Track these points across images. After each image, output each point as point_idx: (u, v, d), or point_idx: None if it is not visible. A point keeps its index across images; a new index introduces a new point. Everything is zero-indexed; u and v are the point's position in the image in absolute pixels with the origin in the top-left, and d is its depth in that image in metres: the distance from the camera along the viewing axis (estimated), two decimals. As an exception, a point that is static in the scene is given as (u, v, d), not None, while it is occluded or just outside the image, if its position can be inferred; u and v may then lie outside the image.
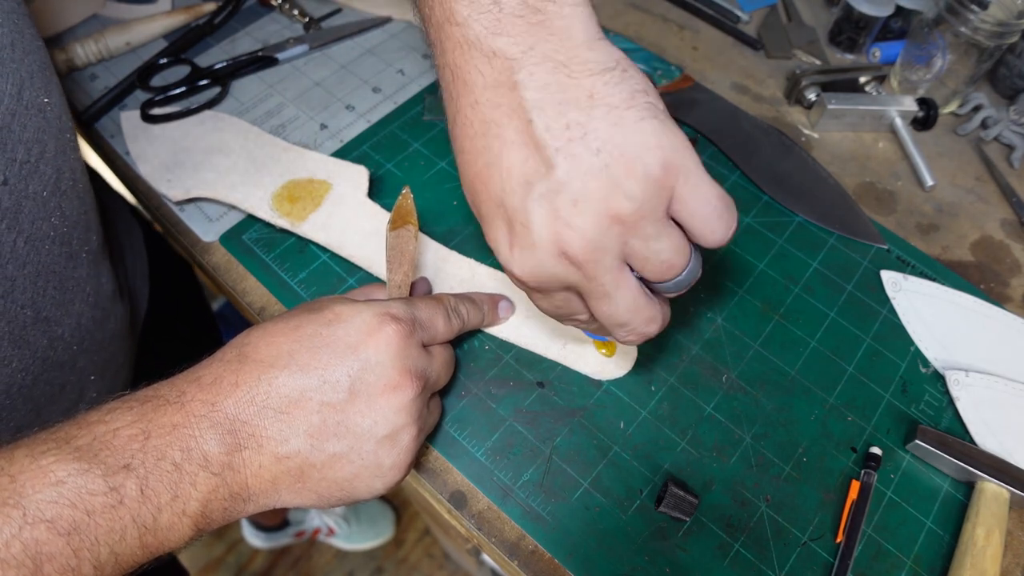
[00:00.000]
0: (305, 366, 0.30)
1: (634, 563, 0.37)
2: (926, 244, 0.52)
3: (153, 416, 0.28)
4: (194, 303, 0.76)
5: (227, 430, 0.28)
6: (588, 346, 0.43)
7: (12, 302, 0.33)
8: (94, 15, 0.60)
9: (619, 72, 0.25)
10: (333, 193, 0.48)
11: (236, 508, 0.29)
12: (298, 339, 0.31)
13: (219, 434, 0.28)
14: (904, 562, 0.38)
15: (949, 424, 0.43)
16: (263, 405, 0.29)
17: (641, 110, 0.25)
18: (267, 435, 0.29)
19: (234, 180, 0.49)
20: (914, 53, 0.58)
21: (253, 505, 0.30)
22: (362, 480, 0.32)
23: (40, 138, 0.33)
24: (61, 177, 0.35)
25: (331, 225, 0.46)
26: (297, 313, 0.33)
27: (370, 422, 0.31)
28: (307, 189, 0.48)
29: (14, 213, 0.32)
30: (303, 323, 0.31)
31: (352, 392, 0.31)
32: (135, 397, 0.29)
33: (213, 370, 0.30)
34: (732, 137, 0.56)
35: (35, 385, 0.36)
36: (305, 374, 0.30)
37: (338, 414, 0.30)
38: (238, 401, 0.29)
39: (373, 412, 0.31)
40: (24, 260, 0.33)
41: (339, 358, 0.31)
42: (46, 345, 0.36)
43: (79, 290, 0.39)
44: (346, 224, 0.47)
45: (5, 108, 0.31)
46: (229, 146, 0.51)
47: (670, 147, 0.25)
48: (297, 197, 0.47)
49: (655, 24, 0.66)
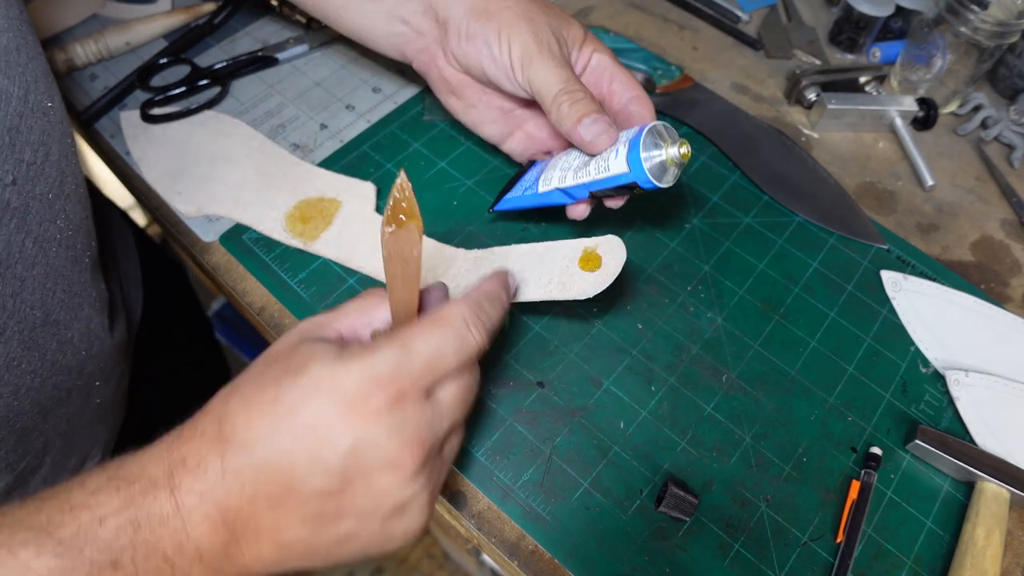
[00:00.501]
0: (289, 452, 0.27)
1: (634, 563, 0.37)
2: (926, 244, 0.52)
3: (142, 502, 0.25)
4: (188, 308, 0.76)
5: (220, 521, 0.26)
6: (572, 271, 0.40)
7: (22, 302, 0.33)
8: (94, 15, 0.60)
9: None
10: (343, 211, 0.48)
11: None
12: (278, 418, 0.27)
13: (212, 525, 0.26)
14: (904, 562, 0.38)
15: (949, 424, 0.43)
16: (253, 495, 0.26)
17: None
18: (263, 525, 0.27)
19: (247, 198, 0.49)
20: (914, 53, 0.58)
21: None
22: (375, 549, 0.29)
23: (45, 141, 0.33)
24: (64, 180, 0.35)
25: (342, 242, 0.47)
26: (274, 376, 0.28)
27: (372, 503, 0.28)
28: (318, 208, 0.49)
29: (23, 213, 0.32)
30: (280, 395, 0.27)
31: (345, 478, 0.27)
32: (121, 475, 0.26)
33: (197, 450, 0.27)
34: (732, 137, 0.56)
35: (43, 388, 0.36)
36: (291, 462, 0.27)
37: (334, 500, 0.27)
38: (228, 491, 0.26)
39: (373, 494, 0.28)
40: (33, 261, 0.33)
41: (325, 442, 0.27)
42: (56, 348, 0.36)
43: (86, 295, 0.39)
44: (356, 239, 0.47)
45: (13, 110, 0.31)
46: (236, 156, 0.51)
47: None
48: (309, 217, 0.48)
49: (655, 24, 0.66)
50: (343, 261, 0.47)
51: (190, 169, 0.50)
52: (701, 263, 0.49)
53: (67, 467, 0.43)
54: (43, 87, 0.34)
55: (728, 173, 0.54)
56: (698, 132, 0.56)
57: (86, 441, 0.45)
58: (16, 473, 0.38)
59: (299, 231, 0.48)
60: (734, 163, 0.54)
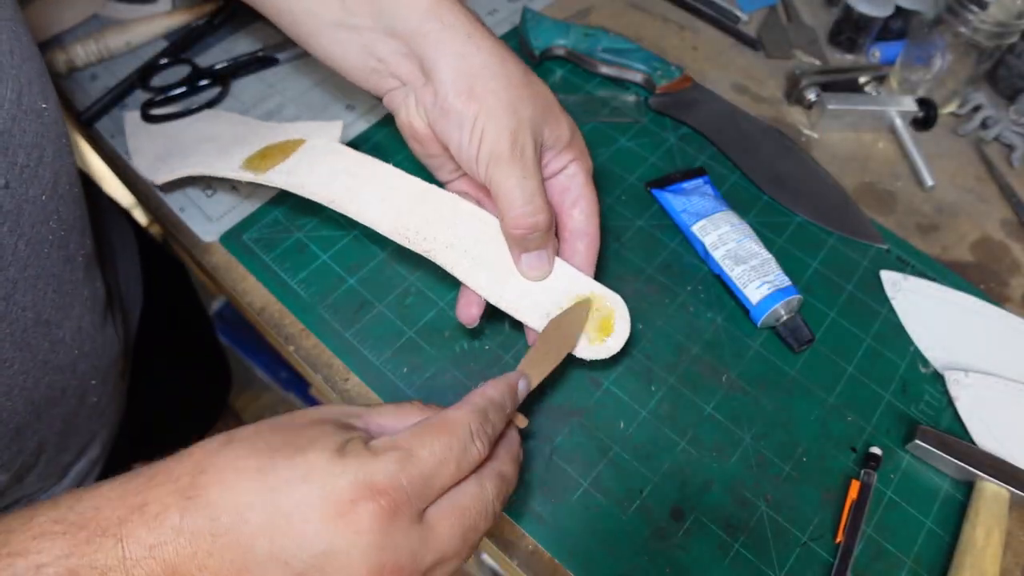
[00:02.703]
0: (255, 532, 0.25)
1: (634, 563, 0.37)
2: (926, 244, 0.52)
3: (86, 551, 0.23)
4: (189, 308, 0.76)
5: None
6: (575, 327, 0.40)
7: (14, 304, 0.33)
8: (94, 15, 0.60)
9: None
10: (305, 146, 0.45)
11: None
12: (258, 491, 0.25)
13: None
14: (904, 562, 0.38)
15: (949, 424, 0.43)
16: (203, 564, 0.24)
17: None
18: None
19: (212, 156, 0.47)
20: (914, 53, 0.58)
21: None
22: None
23: (39, 142, 0.33)
24: (59, 181, 0.35)
25: (296, 171, 0.43)
26: (272, 446, 0.27)
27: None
28: (280, 148, 0.45)
29: (15, 216, 0.32)
30: (269, 467, 0.26)
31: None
32: (70, 518, 0.24)
33: (161, 497, 0.25)
34: (732, 137, 0.56)
35: (36, 388, 0.36)
36: (252, 544, 0.25)
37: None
38: (179, 552, 0.24)
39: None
40: (25, 263, 0.33)
41: (297, 537, 0.25)
42: (47, 348, 0.36)
43: (77, 294, 0.39)
44: (313, 167, 0.43)
45: (6, 113, 0.31)
46: (220, 135, 0.50)
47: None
48: (268, 155, 0.45)
49: (655, 24, 0.66)
50: (294, 189, 0.42)
51: (174, 152, 0.50)
52: (701, 263, 0.49)
53: (61, 463, 0.43)
54: (37, 88, 0.34)
55: (728, 173, 0.54)
56: (698, 132, 0.56)
57: (82, 438, 0.45)
58: (12, 472, 0.38)
59: (254, 166, 0.44)
60: (734, 163, 0.54)
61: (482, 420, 0.29)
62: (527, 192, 0.36)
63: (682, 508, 0.39)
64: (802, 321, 0.45)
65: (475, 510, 0.28)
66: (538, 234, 0.37)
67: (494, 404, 0.31)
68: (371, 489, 0.25)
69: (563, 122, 0.39)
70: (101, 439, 0.48)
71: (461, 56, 0.37)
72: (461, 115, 0.37)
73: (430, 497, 0.27)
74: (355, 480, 0.25)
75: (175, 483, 0.25)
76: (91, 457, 0.47)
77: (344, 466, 0.25)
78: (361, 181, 0.41)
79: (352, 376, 0.43)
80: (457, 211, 0.41)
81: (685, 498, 0.40)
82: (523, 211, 0.37)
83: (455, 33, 0.37)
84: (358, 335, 0.44)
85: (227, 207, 0.50)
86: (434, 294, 0.46)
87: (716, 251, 0.46)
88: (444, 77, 0.37)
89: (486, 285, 0.40)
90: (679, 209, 0.49)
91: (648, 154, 0.55)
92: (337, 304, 0.45)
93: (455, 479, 0.28)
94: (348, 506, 0.25)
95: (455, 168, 0.42)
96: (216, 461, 0.26)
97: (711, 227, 0.47)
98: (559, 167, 0.40)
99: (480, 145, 0.36)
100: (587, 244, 0.40)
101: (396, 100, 0.41)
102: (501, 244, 0.40)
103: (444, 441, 0.27)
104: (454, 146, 0.38)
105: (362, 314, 0.45)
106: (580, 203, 0.40)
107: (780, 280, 0.44)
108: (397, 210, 0.41)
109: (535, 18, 0.60)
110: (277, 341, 0.45)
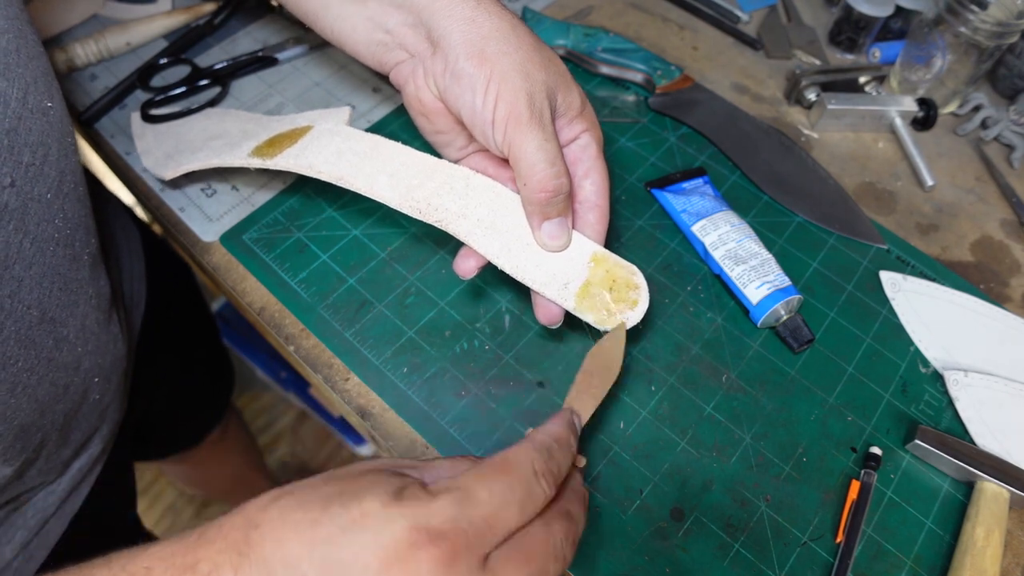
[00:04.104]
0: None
1: (634, 563, 0.37)
2: (926, 244, 0.52)
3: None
4: (193, 306, 0.76)
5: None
6: (598, 294, 0.39)
7: (19, 302, 0.33)
8: (94, 15, 0.60)
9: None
10: (313, 131, 0.45)
11: None
12: (312, 542, 0.24)
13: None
14: (904, 562, 0.38)
15: (949, 424, 0.43)
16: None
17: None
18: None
19: (224, 149, 0.47)
20: (914, 53, 0.58)
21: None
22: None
23: (44, 141, 0.33)
24: (64, 180, 0.35)
25: (304, 153, 0.43)
26: (325, 495, 0.25)
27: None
28: (288, 135, 0.45)
29: (21, 215, 0.32)
30: (323, 518, 0.25)
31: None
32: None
33: (213, 556, 0.24)
34: (732, 137, 0.56)
35: (40, 385, 0.36)
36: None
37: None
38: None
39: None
40: (30, 261, 0.33)
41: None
42: (52, 346, 0.36)
43: (82, 292, 0.39)
44: (321, 148, 0.43)
45: (12, 112, 0.31)
46: (229, 131, 0.50)
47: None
48: (276, 143, 0.45)
49: (655, 24, 0.66)
50: (302, 170, 0.42)
51: (183, 150, 0.50)
52: (701, 263, 0.49)
53: (62, 458, 0.43)
54: (43, 87, 0.34)
55: (728, 173, 0.54)
56: (698, 132, 0.56)
57: (83, 435, 0.45)
58: (15, 468, 0.38)
59: (263, 154, 0.44)
60: (734, 163, 0.54)
61: (546, 459, 0.27)
62: (550, 154, 0.35)
63: (682, 508, 0.39)
64: (802, 321, 0.45)
65: (543, 554, 0.26)
66: (561, 197, 0.36)
67: (560, 441, 0.29)
68: (429, 533, 0.24)
69: (575, 90, 0.38)
70: (102, 436, 0.48)
71: (471, 20, 0.36)
72: (473, 78, 0.35)
73: (493, 541, 0.25)
74: (413, 524, 0.24)
75: (226, 540, 0.24)
76: (92, 454, 0.47)
77: (401, 512, 0.24)
78: (369, 158, 0.41)
79: (352, 376, 0.43)
80: (469, 184, 0.40)
81: (685, 498, 0.40)
82: (547, 173, 0.35)
83: (464, 1, 0.36)
84: (358, 335, 0.44)
85: (227, 207, 0.50)
86: (434, 294, 0.46)
87: (716, 251, 0.46)
88: (454, 41, 0.36)
89: (501, 254, 0.39)
90: (679, 209, 0.49)
91: (648, 154, 0.55)
92: (337, 304, 0.45)
93: (519, 522, 0.26)
94: (407, 552, 0.23)
95: (464, 144, 0.42)
96: (268, 516, 0.25)
97: (711, 227, 0.47)
98: (571, 136, 0.39)
99: (496, 108, 0.35)
100: (598, 216, 0.40)
101: (403, 73, 0.40)
102: (515, 215, 0.39)
103: (505, 481, 0.26)
104: (467, 112, 0.37)
105: (362, 314, 0.45)
106: (592, 175, 0.39)
107: (780, 280, 0.44)
108: (407, 184, 0.40)
109: (535, 18, 0.60)
110: (277, 341, 0.46)
